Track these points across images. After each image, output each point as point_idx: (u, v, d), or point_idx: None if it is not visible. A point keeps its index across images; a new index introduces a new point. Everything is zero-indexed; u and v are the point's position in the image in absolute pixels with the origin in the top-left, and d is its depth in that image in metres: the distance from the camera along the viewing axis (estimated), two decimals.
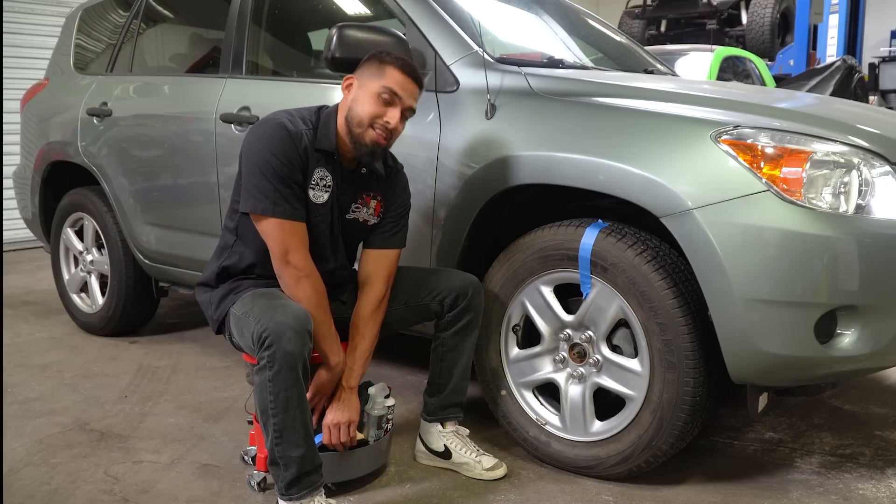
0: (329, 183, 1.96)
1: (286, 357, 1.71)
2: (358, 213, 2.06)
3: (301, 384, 1.75)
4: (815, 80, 6.29)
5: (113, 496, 2.02)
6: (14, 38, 5.93)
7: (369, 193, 2.06)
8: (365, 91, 1.92)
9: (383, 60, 1.92)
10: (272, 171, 1.85)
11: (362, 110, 1.90)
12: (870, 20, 8.75)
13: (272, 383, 1.73)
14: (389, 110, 1.90)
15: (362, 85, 1.93)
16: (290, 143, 1.87)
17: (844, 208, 1.78)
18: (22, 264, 5.39)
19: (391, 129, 1.91)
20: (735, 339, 1.80)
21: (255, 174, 1.87)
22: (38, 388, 2.84)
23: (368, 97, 1.91)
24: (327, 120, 1.96)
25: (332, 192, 1.98)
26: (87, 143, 3.36)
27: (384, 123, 1.90)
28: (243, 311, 1.87)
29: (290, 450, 1.76)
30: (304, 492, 1.78)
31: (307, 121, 1.94)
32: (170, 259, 3.11)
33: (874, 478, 2.12)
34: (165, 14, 3.57)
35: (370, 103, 1.90)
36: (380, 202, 2.08)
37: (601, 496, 2.02)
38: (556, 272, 2.06)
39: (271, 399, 1.74)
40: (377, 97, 1.90)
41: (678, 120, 1.93)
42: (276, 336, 1.71)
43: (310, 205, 1.94)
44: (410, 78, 1.92)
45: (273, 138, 1.87)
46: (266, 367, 1.73)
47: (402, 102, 1.91)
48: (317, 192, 1.95)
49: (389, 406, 2.09)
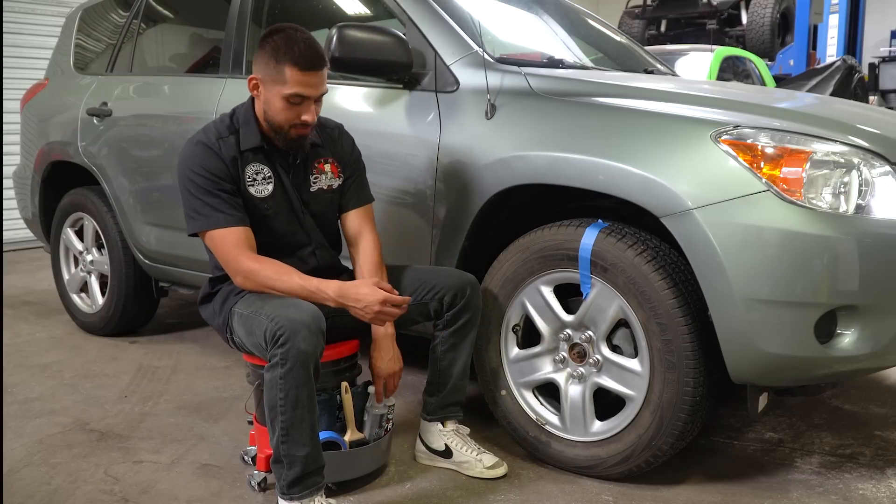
0: (268, 174, 1.98)
1: (299, 355, 1.72)
2: (319, 181, 2.07)
3: (312, 384, 1.76)
4: (815, 80, 6.29)
5: (113, 496, 2.02)
6: (14, 38, 5.93)
7: (320, 161, 2.08)
8: (272, 95, 1.90)
9: (279, 60, 1.86)
10: (196, 187, 1.91)
11: (277, 117, 1.92)
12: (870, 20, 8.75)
13: (283, 381, 1.74)
14: (302, 109, 1.91)
15: (267, 88, 1.92)
16: (208, 155, 1.91)
17: (844, 208, 1.78)
18: (22, 264, 5.39)
19: (310, 122, 1.93)
20: (735, 339, 1.80)
21: (185, 196, 1.94)
22: (38, 388, 2.84)
23: (278, 103, 1.90)
24: (246, 120, 1.98)
25: (278, 179, 2.00)
26: (87, 143, 3.36)
27: (301, 123, 1.92)
28: (252, 309, 1.87)
29: (296, 449, 1.76)
30: (305, 492, 1.79)
31: (221, 129, 1.97)
32: (170, 259, 3.11)
33: (874, 478, 2.12)
34: (165, 14, 3.57)
35: (281, 111, 1.91)
36: (333, 164, 2.10)
37: (601, 496, 2.02)
38: (556, 272, 2.06)
39: (281, 396, 1.74)
40: (286, 102, 1.89)
41: (678, 120, 1.93)
42: (291, 333, 1.72)
43: (256, 201, 1.96)
44: (311, 71, 1.87)
45: (191, 156, 1.93)
46: (278, 365, 1.74)
47: (311, 97, 1.91)
48: (258, 188, 1.97)
49: (389, 406, 2.09)
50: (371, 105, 2.44)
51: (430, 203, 2.26)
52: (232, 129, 1.97)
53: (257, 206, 1.97)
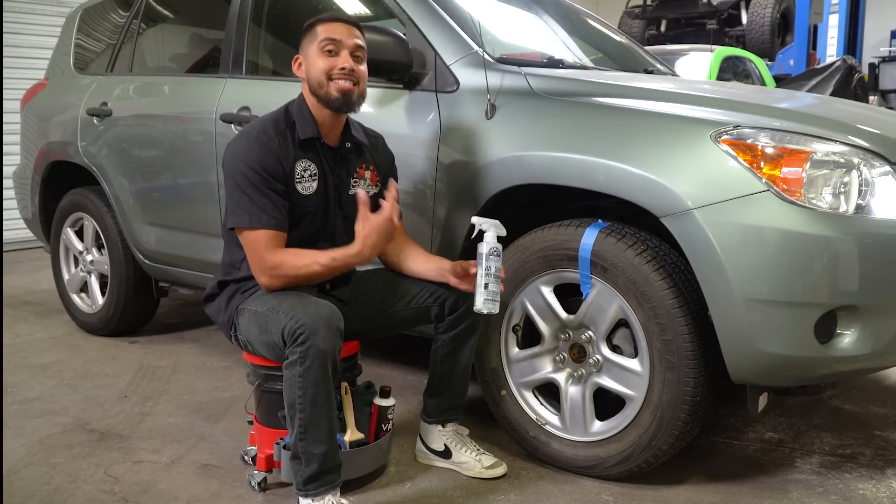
0: (314, 172, 1.99)
1: (318, 354, 1.73)
2: (357, 186, 2.07)
3: (330, 382, 1.77)
4: (815, 80, 6.29)
5: (113, 496, 2.02)
6: (14, 38, 5.92)
7: (362, 166, 2.09)
8: (310, 57, 1.97)
9: (311, 25, 1.99)
10: (248, 182, 1.89)
11: (316, 71, 1.95)
12: (870, 20, 8.75)
13: (302, 379, 1.74)
14: (338, 58, 1.95)
15: (307, 55, 1.99)
16: (263, 150, 1.90)
17: (844, 208, 1.78)
18: (22, 264, 5.39)
19: (350, 71, 1.94)
20: (735, 339, 1.80)
21: (232, 189, 1.92)
22: (38, 388, 2.84)
23: (315, 59, 1.96)
24: (299, 110, 1.99)
25: (322, 177, 2.00)
26: (87, 143, 3.36)
27: (340, 69, 1.94)
28: (269, 306, 1.87)
29: (314, 446, 1.78)
30: (321, 489, 1.80)
31: (279, 122, 1.97)
32: (170, 259, 3.11)
33: (874, 478, 2.12)
34: (165, 14, 3.57)
35: (318, 62, 1.95)
36: (374, 172, 2.11)
37: (601, 496, 2.02)
38: (556, 272, 2.06)
39: (300, 395, 1.75)
40: (321, 53, 1.95)
41: (678, 120, 1.93)
42: (311, 332, 1.73)
43: (300, 199, 1.96)
44: (340, 22, 1.98)
45: (247, 150, 1.91)
46: (297, 363, 1.74)
47: (344, 44, 1.95)
48: (304, 185, 1.97)
49: (389, 406, 2.09)
50: (371, 105, 2.43)
51: (430, 203, 2.26)
52: (288, 121, 1.98)
53: (302, 202, 1.97)
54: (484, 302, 1.88)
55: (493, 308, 1.89)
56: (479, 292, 1.88)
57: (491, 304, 1.88)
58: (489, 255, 1.88)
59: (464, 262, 1.99)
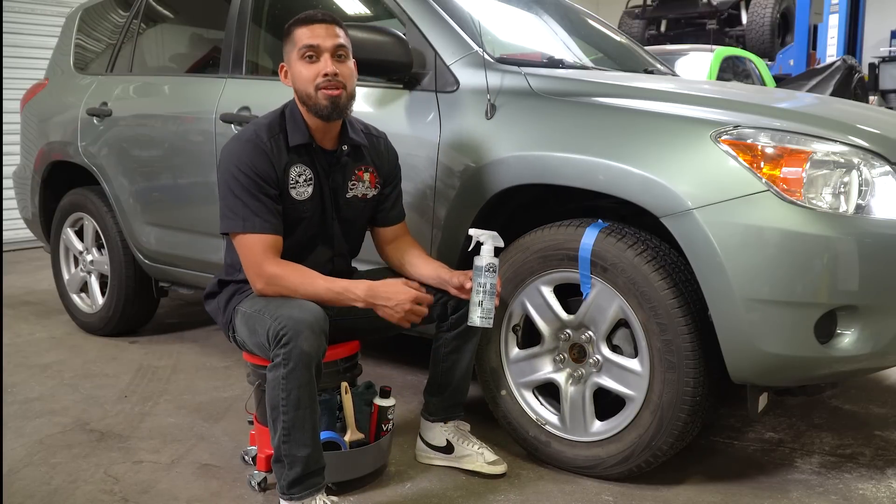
0: (309, 176, 1.97)
1: (302, 356, 1.72)
2: (356, 189, 2.06)
3: (313, 384, 1.76)
4: (815, 80, 6.29)
5: (113, 496, 2.02)
6: (14, 38, 5.92)
7: (360, 168, 2.07)
8: (293, 66, 1.95)
9: (288, 30, 1.95)
10: (240, 186, 1.88)
11: (301, 82, 1.92)
12: (870, 20, 8.76)
13: (285, 381, 1.73)
14: (319, 64, 1.91)
15: (290, 64, 1.96)
16: (255, 154, 1.89)
17: (844, 208, 1.78)
18: (22, 264, 5.39)
19: (333, 76, 1.90)
20: (735, 340, 1.80)
21: (225, 193, 1.91)
22: (38, 388, 2.84)
23: (298, 68, 1.93)
24: (292, 115, 1.98)
25: (318, 181, 1.99)
26: (87, 143, 3.36)
27: (324, 77, 1.90)
28: (256, 308, 1.87)
29: (297, 449, 1.77)
30: (305, 492, 1.79)
31: (273, 126, 1.95)
32: (170, 259, 3.11)
33: (874, 478, 2.12)
34: (165, 14, 3.57)
35: (302, 71, 1.92)
36: (373, 173, 2.09)
37: (601, 496, 2.02)
38: (556, 272, 2.06)
39: (283, 397, 1.74)
40: (302, 61, 1.92)
41: (678, 120, 1.93)
42: (294, 334, 1.72)
43: (295, 204, 1.95)
44: (317, 23, 1.91)
45: (239, 154, 1.90)
46: (280, 365, 1.74)
47: (323, 48, 1.90)
48: (299, 190, 1.96)
49: (389, 406, 2.09)
50: (371, 105, 2.43)
51: (430, 203, 2.26)
52: (282, 125, 1.96)
53: (296, 208, 1.95)
54: (479, 318, 1.91)
55: (487, 324, 1.91)
56: (474, 308, 1.91)
57: (485, 321, 1.91)
58: (486, 272, 1.89)
59: (461, 276, 1.98)
